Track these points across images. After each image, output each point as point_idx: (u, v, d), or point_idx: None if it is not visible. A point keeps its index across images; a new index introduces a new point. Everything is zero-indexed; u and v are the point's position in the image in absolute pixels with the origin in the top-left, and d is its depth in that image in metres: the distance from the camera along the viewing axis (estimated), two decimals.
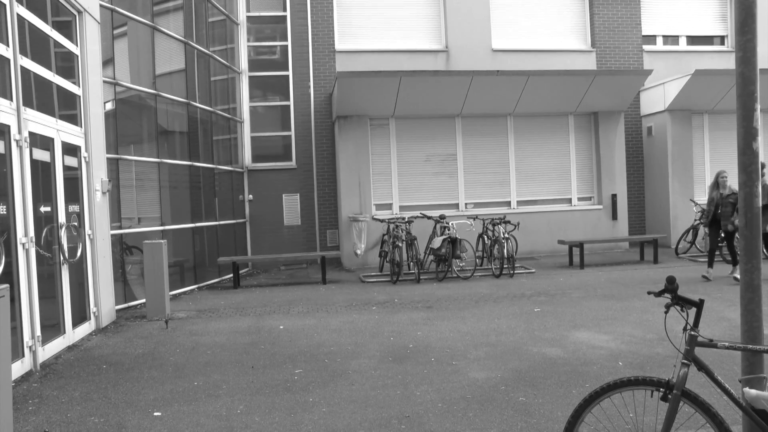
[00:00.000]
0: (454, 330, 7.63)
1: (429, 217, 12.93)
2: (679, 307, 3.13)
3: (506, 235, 11.96)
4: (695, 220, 14.06)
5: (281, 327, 8.16)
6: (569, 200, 15.26)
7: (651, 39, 16.59)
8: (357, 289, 11.12)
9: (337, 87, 13.45)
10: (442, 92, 13.85)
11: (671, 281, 3.10)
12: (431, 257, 12.41)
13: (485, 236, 12.85)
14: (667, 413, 3.06)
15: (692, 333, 3.07)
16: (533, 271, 12.46)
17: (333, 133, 14.98)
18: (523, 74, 13.95)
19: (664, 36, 16.75)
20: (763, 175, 9.16)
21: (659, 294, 3.14)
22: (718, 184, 10.84)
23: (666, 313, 3.12)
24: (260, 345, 7.23)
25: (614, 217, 15.06)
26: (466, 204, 14.79)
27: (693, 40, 16.90)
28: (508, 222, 12.44)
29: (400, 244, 11.78)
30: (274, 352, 6.88)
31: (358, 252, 13.65)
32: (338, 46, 15.15)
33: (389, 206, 14.50)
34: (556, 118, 15.18)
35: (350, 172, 13.97)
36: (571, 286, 10.54)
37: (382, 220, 13.28)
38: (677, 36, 16.84)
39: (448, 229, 11.95)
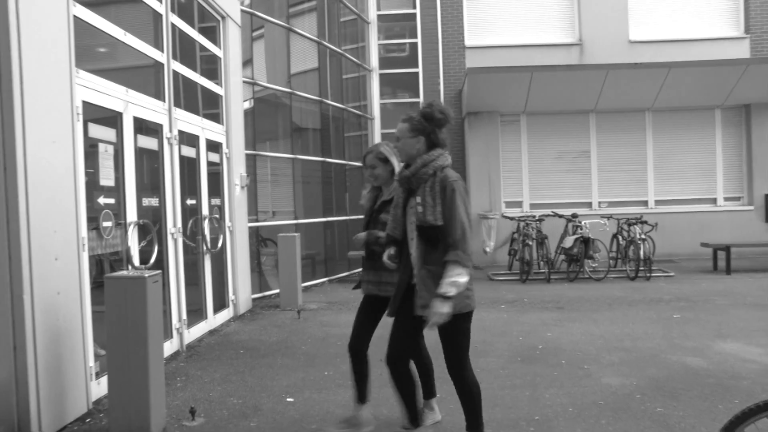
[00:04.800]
0: (586, 332, 7.33)
1: (560, 216, 12.51)
2: None
3: (643, 236, 11.37)
4: None
5: None
6: (714, 200, 14.23)
7: None
8: (485, 287, 10.98)
9: (467, 83, 13.35)
10: (576, 87, 13.37)
11: None
12: (562, 257, 12.03)
13: (620, 236, 12.28)
14: None
15: None
16: (672, 274, 11.72)
17: (463, 130, 14.89)
18: (664, 66, 13.15)
19: None
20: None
21: None
22: (368, 168, 4.49)
23: None
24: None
25: (767, 219, 13.87)
26: (599, 203, 14.20)
27: None
28: (645, 222, 11.80)
29: (531, 243, 11.52)
30: None
31: (487, 250, 13.49)
32: (468, 42, 15.03)
33: (519, 204, 14.22)
34: (700, 112, 14.18)
35: (480, 169, 13.83)
36: (715, 293, 9.80)
37: (512, 218, 13.02)
38: None
39: (581, 228, 11.55)
